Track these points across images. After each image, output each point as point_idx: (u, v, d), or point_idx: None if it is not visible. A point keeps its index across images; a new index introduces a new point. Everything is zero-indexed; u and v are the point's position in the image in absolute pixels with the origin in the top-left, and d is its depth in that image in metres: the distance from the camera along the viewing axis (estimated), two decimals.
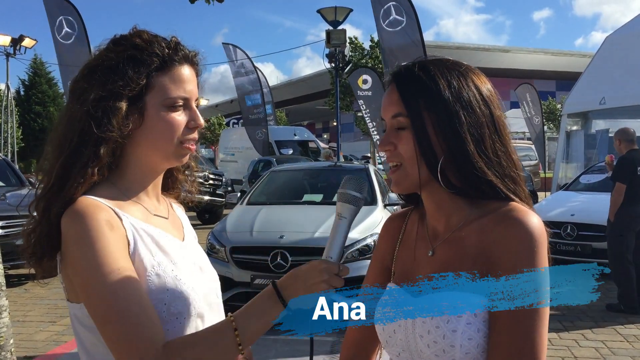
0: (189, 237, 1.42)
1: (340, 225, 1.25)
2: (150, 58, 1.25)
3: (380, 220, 6.78)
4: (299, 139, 23.60)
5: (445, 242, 1.25)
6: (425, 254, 1.29)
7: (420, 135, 1.19)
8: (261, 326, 1.19)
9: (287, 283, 1.20)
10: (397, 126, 1.22)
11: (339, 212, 1.26)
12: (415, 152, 1.20)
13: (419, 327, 1.19)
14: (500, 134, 1.22)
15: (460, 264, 1.20)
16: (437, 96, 1.18)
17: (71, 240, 1.17)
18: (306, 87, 52.81)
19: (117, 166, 1.29)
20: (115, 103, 1.22)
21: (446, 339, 1.14)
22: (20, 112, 36.22)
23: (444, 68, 1.22)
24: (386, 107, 1.25)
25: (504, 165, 1.21)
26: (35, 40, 24.58)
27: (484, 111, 1.20)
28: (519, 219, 1.15)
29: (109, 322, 1.13)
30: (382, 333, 1.30)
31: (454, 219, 1.25)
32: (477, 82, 1.23)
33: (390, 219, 1.48)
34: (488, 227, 1.18)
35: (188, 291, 1.26)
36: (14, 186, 9.16)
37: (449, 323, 1.14)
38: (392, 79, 1.26)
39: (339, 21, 15.01)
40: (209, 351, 1.14)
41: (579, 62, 38.07)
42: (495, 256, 1.15)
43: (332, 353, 5.19)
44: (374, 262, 1.46)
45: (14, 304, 6.65)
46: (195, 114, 1.30)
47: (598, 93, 11.71)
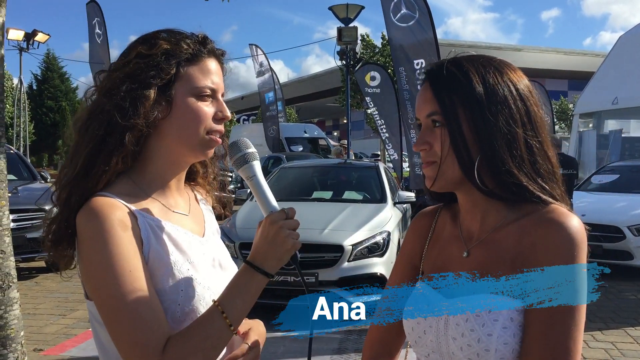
0: (209, 233, 1.41)
1: (255, 183, 1.29)
2: (180, 50, 1.26)
3: (390, 218, 6.77)
4: (309, 136, 23.60)
5: (480, 243, 1.23)
6: (459, 254, 1.26)
7: (456, 134, 1.16)
8: (247, 302, 1.21)
9: (255, 253, 1.23)
10: (432, 125, 1.20)
11: (246, 176, 1.30)
12: (450, 151, 1.17)
13: (452, 329, 1.17)
14: (537, 131, 1.19)
15: (497, 266, 1.17)
16: (471, 93, 1.16)
17: (84, 240, 1.18)
18: (317, 85, 52.73)
19: (140, 160, 1.29)
20: (144, 91, 1.23)
21: (481, 342, 1.11)
22: (32, 107, 36.47)
23: (478, 64, 1.19)
24: (420, 106, 1.23)
25: (540, 163, 1.18)
26: (48, 35, 24.76)
27: (519, 107, 1.17)
28: (559, 221, 1.12)
29: (117, 323, 1.14)
30: (411, 333, 1.27)
31: (489, 219, 1.22)
32: (513, 77, 1.20)
33: (419, 217, 1.44)
34: (527, 229, 1.16)
35: (203, 291, 1.26)
36: (26, 180, 9.22)
37: (484, 327, 1.12)
38: (426, 77, 1.23)
39: (351, 18, 14.96)
40: (205, 340, 1.16)
41: (591, 61, 37.79)
42: (534, 259, 1.12)
43: (339, 351, 5.19)
44: (401, 259, 1.43)
45: (24, 296, 6.70)
46: (222, 106, 1.31)
47: (611, 93, 11.62)
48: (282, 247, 1.22)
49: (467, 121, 1.16)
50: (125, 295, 1.13)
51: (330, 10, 15.19)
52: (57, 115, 39.43)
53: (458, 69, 1.19)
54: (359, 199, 7.64)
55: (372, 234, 6.26)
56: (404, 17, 9.75)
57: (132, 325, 1.12)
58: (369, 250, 6.16)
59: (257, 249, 1.23)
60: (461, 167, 1.17)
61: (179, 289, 1.22)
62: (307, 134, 23.61)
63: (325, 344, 5.31)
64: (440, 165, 1.19)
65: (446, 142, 1.18)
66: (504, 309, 1.12)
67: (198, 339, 1.15)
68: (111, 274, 1.14)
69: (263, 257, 1.22)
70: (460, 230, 1.29)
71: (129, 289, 1.14)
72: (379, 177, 8.00)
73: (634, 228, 7.83)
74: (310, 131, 24.29)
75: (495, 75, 1.18)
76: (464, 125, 1.16)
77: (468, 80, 1.17)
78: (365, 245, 6.16)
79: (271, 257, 1.22)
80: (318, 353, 5.09)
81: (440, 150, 1.19)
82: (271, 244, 1.21)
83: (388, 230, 6.45)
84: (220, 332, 1.17)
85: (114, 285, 1.14)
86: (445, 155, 1.18)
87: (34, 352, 5.15)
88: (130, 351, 1.13)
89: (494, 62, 1.21)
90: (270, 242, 1.21)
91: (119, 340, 1.14)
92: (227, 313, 1.17)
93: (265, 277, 1.21)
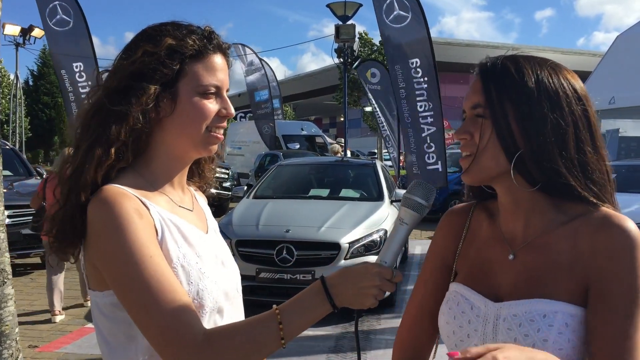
0: (212, 230, 1.40)
1: (400, 231, 1.21)
2: (185, 45, 1.25)
3: (387, 216, 6.77)
4: (306, 133, 23.56)
5: (528, 246, 1.19)
6: (503, 257, 1.22)
7: (500, 124, 1.14)
8: (305, 321, 1.16)
9: (337, 281, 1.17)
10: (476, 117, 1.18)
11: (400, 217, 1.21)
12: (491, 143, 1.15)
13: (502, 333, 1.14)
14: (592, 133, 1.16)
15: (552, 271, 1.14)
16: (521, 87, 1.13)
17: (99, 229, 1.15)
18: (314, 82, 52.71)
19: (144, 155, 1.28)
20: (147, 89, 1.21)
21: (536, 348, 1.07)
22: (28, 103, 36.36)
23: (534, 62, 1.17)
24: (468, 97, 1.20)
25: (591, 166, 1.14)
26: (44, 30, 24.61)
27: (573, 108, 1.14)
28: (620, 226, 1.10)
29: (145, 311, 1.11)
30: (451, 336, 1.23)
31: (534, 221, 1.19)
32: (568, 77, 1.17)
33: (451, 214, 1.38)
34: (583, 233, 1.13)
35: (210, 285, 1.24)
36: (22, 176, 9.19)
37: (539, 332, 1.09)
38: (478, 70, 1.21)
39: (349, 16, 14.93)
40: (250, 342, 1.12)
41: (588, 61, 37.85)
42: (596, 265, 1.10)
43: (335, 349, 5.19)
44: (432, 257, 1.37)
45: (19, 293, 6.68)
46: (226, 103, 1.30)
47: (608, 92, 11.63)
48: (362, 297, 1.17)
49: (514, 115, 1.13)
50: (151, 283, 1.11)
51: (328, 8, 15.16)
52: (52, 111, 39.29)
53: (512, 64, 1.17)
54: (356, 197, 7.65)
55: (369, 232, 6.27)
56: (397, 18, 9.85)
57: (164, 312, 1.10)
58: (365, 248, 6.17)
59: (342, 281, 1.17)
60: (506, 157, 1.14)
61: (188, 281, 1.21)
62: (304, 132, 23.57)
63: (322, 342, 5.30)
64: (476, 156, 1.17)
65: (486, 134, 1.15)
66: (559, 315, 1.10)
67: (244, 339, 1.12)
68: (133, 261, 1.12)
69: (342, 291, 1.16)
70: (502, 231, 1.24)
71: (151, 274, 1.12)
72: (376, 175, 8.00)
73: None
74: (308, 129, 24.25)
75: (550, 74, 1.15)
76: (510, 118, 1.14)
77: (520, 75, 1.14)
78: (362, 243, 6.17)
79: (348, 296, 1.16)
80: (314, 351, 5.08)
81: (481, 141, 1.16)
82: (356, 290, 1.16)
83: (385, 228, 6.45)
84: (269, 340, 1.13)
85: (137, 271, 1.11)
86: (485, 146, 1.15)
87: (29, 349, 5.13)
88: (164, 339, 1.10)
89: (549, 62, 1.19)
90: (357, 288, 1.16)
91: (151, 329, 1.12)
92: (284, 325, 1.14)
93: (332, 308, 1.17)
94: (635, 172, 9.75)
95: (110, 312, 1.20)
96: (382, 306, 5.72)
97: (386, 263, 1.19)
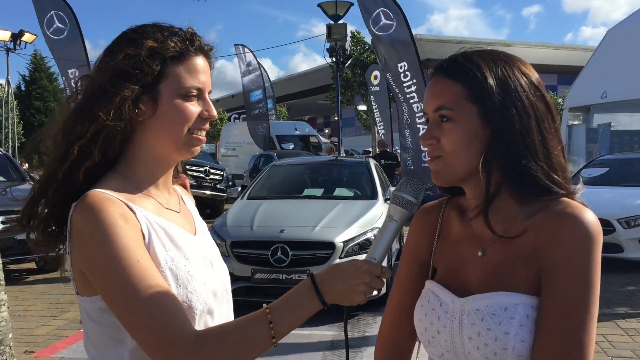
0: (200, 231, 1.40)
1: (389, 228, 1.22)
2: (166, 48, 1.24)
3: (381, 214, 6.78)
4: (300, 133, 23.57)
5: (495, 242, 1.20)
6: (473, 253, 1.23)
7: (465, 125, 1.14)
8: (295, 319, 1.17)
9: (326, 278, 1.18)
10: (440, 119, 1.17)
11: (390, 214, 1.22)
12: (459, 144, 1.15)
13: (467, 328, 1.15)
14: (551, 122, 1.17)
15: (513, 264, 1.16)
16: (481, 86, 1.14)
17: (85, 235, 1.15)
18: (307, 82, 52.68)
19: (128, 158, 1.28)
20: (120, 83, 1.21)
21: (498, 341, 1.10)
22: (20, 108, 36.21)
23: (488, 58, 1.17)
24: (428, 100, 1.20)
25: (554, 156, 1.16)
26: (35, 35, 24.50)
27: (532, 100, 1.15)
28: (574, 216, 1.11)
29: (135, 316, 1.11)
30: (424, 333, 1.24)
31: (501, 217, 1.20)
32: (524, 70, 1.18)
33: (423, 212, 1.38)
34: (541, 225, 1.14)
35: (199, 287, 1.24)
36: (15, 181, 9.15)
37: (501, 325, 1.11)
38: (435, 71, 1.20)
39: (340, 15, 14.94)
40: (242, 342, 1.13)
41: (580, 55, 37.95)
42: (549, 254, 1.11)
43: (331, 347, 5.20)
44: (406, 256, 1.38)
45: (15, 298, 6.66)
46: (208, 105, 1.30)
47: (600, 87, 11.68)
48: (351, 294, 1.17)
49: (477, 114, 1.14)
50: (139, 286, 1.11)
51: (319, 8, 15.16)
52: (44, 117, 39.15)
53: (468, 62, 1.17)
54: (350, 195, 7.65)
55: (364, 231, 6.27)
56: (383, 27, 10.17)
57: (154, 314, 1.10)
58: (360, 247, 6.17)
59: (331, 277, 1.18)
60: (472, 160, 1.15)
61: (177, 284, 1.21)
62: (298, 132, 23.58)
63: (318, 340, 5.31)
64: (446, 160, 1.17)
65: (453, 137, 1.15)
66: (520, 307, 1.11)
67: (236, 339, 1.13)
68: (121, 265, 1.12)
69: (331, 287, 1.17)
70: (472, 228, 1.25)
71: (139, 278, 1.12)
72: (370, 174, 8.00)
73: (623, 221, 7.87)
74: (301, 128, 24.26)
75: (506, 69, 1.16)
76: (474, 119, 1.14)
77: (479, 73, 1.15)
78: (357, 242, 6.16)
79: (338, 293, 1.17)
80: (310, 350, 5.09)
81: (448, 145, 1.16)
82: (346, 287, 1.17)
83: (379, 226, 6.43)
84: (260, 340, 1.14)
85: (124, 276, 1.11)
86: (452, 149, 1.16)
87: (25, 354, 5.11)
88: (155, 342, 1.10)
89: (504, 56, 1.19)
90: (347, 285, 1.17)
91: (140, 332, 1.12)
92: (275, 323, 1.14)
93: (322, 305, 1.17)
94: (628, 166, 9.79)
95: (98, 317, 1.20)
96: (378, 304, 5.72)
97: (375, 260, 1.20)
